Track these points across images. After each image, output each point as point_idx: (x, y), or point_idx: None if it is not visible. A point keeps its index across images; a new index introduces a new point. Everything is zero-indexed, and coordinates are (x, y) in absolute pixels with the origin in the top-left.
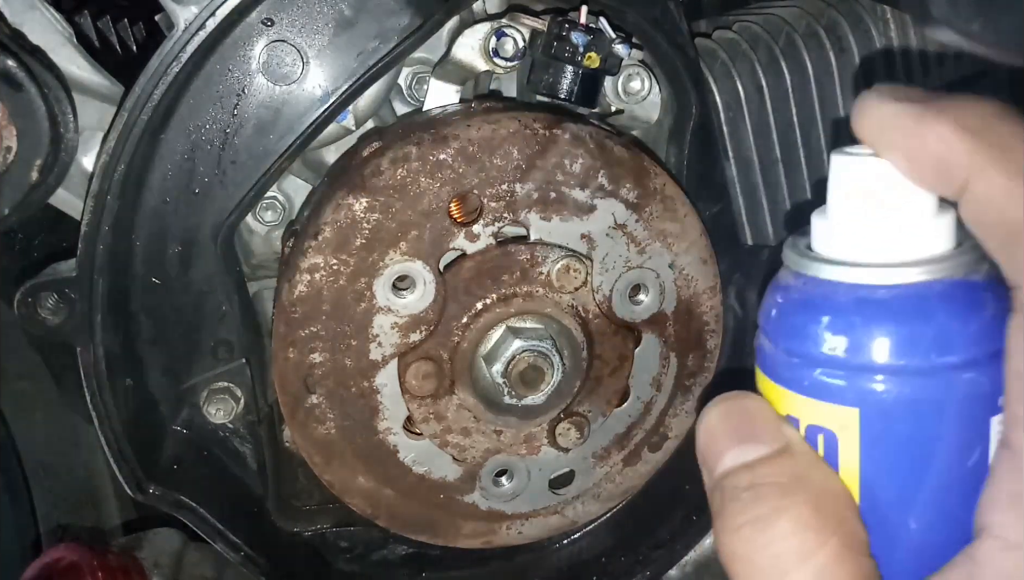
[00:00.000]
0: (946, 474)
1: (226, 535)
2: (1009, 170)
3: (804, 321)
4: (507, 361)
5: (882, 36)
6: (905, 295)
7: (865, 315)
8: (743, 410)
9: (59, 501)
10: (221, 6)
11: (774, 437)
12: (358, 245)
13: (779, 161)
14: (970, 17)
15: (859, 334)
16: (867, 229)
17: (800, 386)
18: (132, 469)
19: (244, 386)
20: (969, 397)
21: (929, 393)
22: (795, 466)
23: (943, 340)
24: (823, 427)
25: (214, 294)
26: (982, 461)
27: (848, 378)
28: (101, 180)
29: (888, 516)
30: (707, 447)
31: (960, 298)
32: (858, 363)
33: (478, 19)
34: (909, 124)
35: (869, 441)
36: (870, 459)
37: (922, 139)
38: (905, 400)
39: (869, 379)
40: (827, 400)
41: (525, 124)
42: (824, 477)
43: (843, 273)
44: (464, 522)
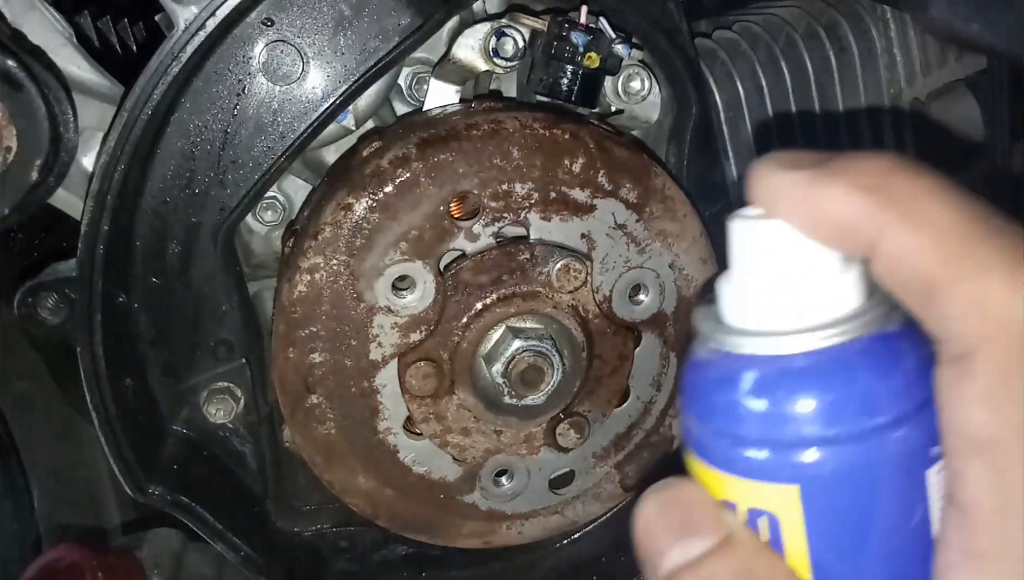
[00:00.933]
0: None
1: (226, 535)
2: (914, 225)
3: (726, 399)
4: (507, 361)
5: (882, 36)
6: (823, 360)
7: (786, 386)
8: (679, 501)
9: (59, 501)
10: (221, 6)
11: (715, 528)
12: (358, 245)
13: None
14: (970, 17)
15: (784, 407)
16: (774, 295)
17: (734, 467)
18: (132, 469)
19: (244, 386)
20: (904, 455)
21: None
22: (740, 559)
23: (870, 401)
24: (763, 510)
25: (214, 294)
26: (924, 518)
27: (781, 454)
28: (101, 180)
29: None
30: (646, 544)
31: (879, 353)
32: (788, 438)
33: (478, 19)
34: (804, 190)
35: (812, 518)
36: (816, 537)
37: (819, 204)
38: (842, 470)
39: (802, 453)
40: (763, 480)
41: (525, 124)
42: (770, 567)
43: (757, 345)
44: (464, 522)
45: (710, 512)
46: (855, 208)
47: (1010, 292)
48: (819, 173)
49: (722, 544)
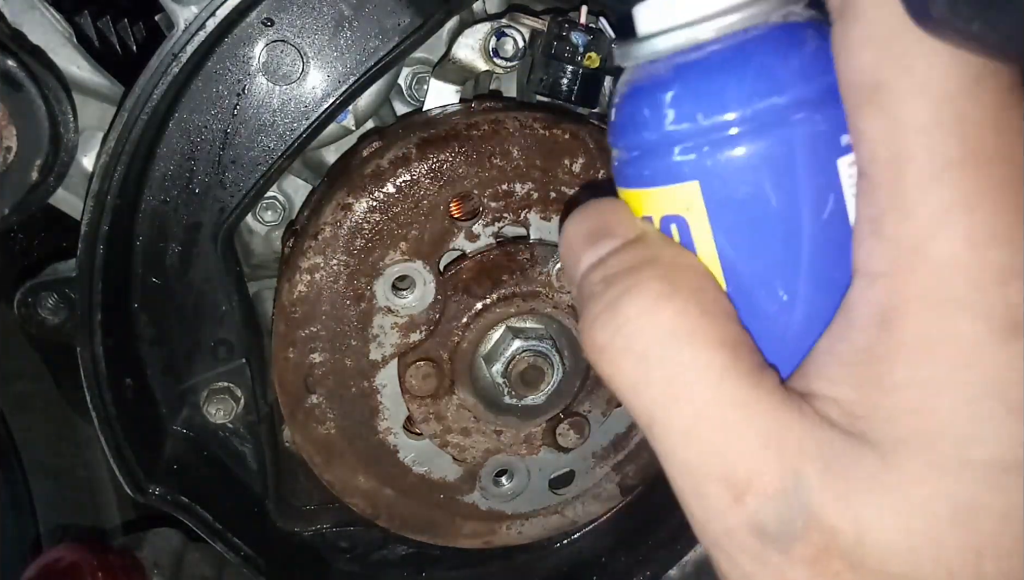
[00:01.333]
0: (803, 230)
1: (226, 535)
2: None
3: (631, 109)
4: (507, 361)
5: None
6: (718, 50)
7: (682, 80)
8: (597, 212)
9: (59, 501)
10: (221, 6)
11: (627, 230)
12: (358, 245)
13: None
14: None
15: (679, 101)
16: None
17: (642, 179)
18: (132, 469)
19: (244, 386)
20: (805, 139)
21: (761, 144)
22: (645, 249)
23: (762, 83)
24: (672, 215)
25: (214, 294)
26: (839, 210)
27: (680, 151)
28: (101, 180)
29: (757, 293)
30: (567, 258)
31: (777, 38)
32: (684, 131)
33: (478, 19)
34: None
35: (715, 213)
36: (721, 232)
37: None
38: (739, 156)
39: (698, 144)
40: (667, 183)
41: (525, 124)
42: (675, 253)
43: (657, 44)
44: (464, 522)
45: (625, 218)
46: None
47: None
48: None
49: (632, 241)
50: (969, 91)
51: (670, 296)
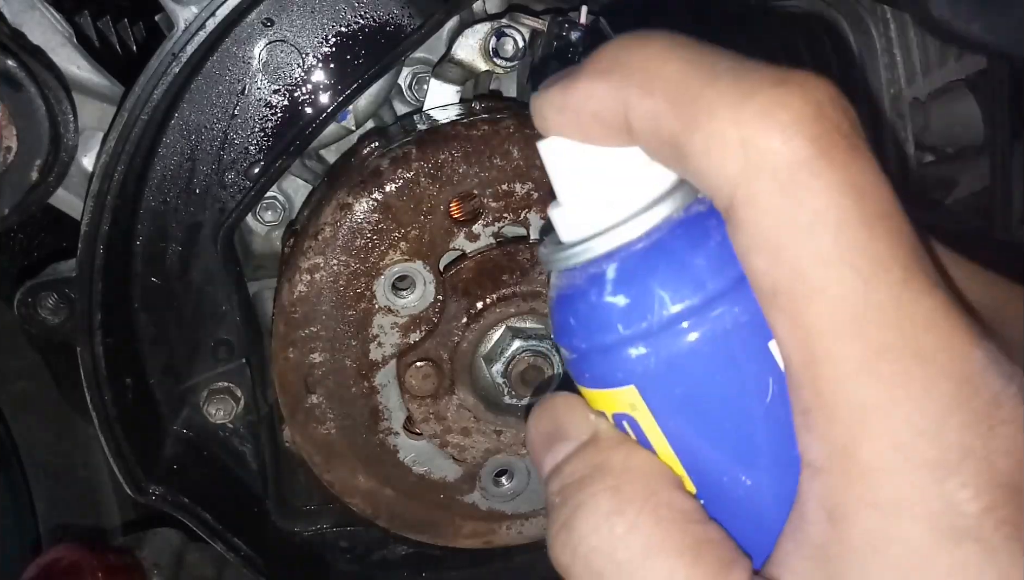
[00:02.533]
0: (749, 417)
1: (226, 535)
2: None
3: (563, 315)
4: (507, 361)
5: (882, 36)
6: (623, 258)
7: (597, 290)
8: (551, 411)
9: (59, 501)
10: (221, 6)
11: (580, 431)
12: (358, 245)
13: None
14: (970, 17)
15: (597, 312)
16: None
17: (586, 380)
18: (132, 469)
19: (244, 386)
20: (729, 333)
21: (685, 345)
22: (597, 455)
23: (671, 290)
24: (623, 414)
25: (214, 294)
26: (780, 390)
27: (610, 358)
28: (101, 180)
29: (720, 481)
30: (532, 458)
31: (683, 235)
32: (610, 341)
33: (478, 19)
34: (559, 99)
35: (659, 412)
36: (670, 429)
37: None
38: (669, 360)
39: (624, 351)
40: (607, 387)
41: (525, 124)
42: (625, 458)
43: (573, 255)
44: (464, 522)
45: (576, 417)
46: (600, 95)
47: (740, 128)
48: (566, 79)
49: (585, 444)
50: (866, 291)
51: (621, 510)
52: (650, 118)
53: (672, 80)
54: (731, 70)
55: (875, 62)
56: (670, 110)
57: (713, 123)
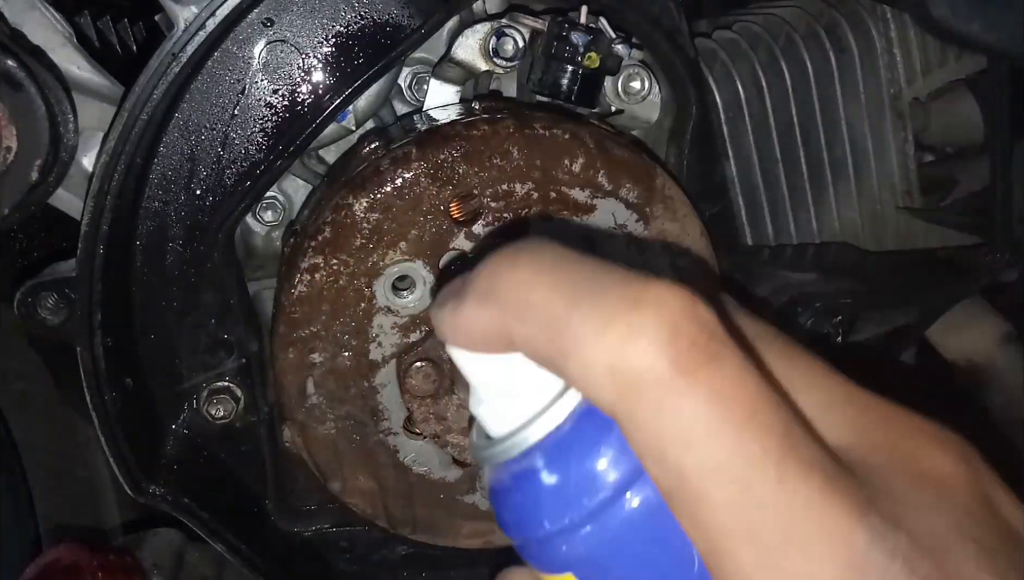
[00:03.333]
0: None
1: (226, 535)
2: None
3: (497, 508)
4: None
5: (882, 36)
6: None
7: (519, 490)
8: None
9: (59, 501)
10: (221, 6)
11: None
12: (358, 245)
13: (779, 161)
14: (970, 17)
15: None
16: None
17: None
18: (132, 469)
19: (244, 386)
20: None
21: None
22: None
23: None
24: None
25: (214, 294)
26: None
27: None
28: (101, 180)
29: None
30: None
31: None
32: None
33: (478, 19)
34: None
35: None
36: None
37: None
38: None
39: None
40: (550, 572)
41: (525, 124)
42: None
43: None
44: (464, 522)
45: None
46: (484, 321)
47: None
48: (456, 302)
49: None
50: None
51: None
52: (528, 343)
53: (540, 308)
54: (590, 292)
55: (875, 62)
56: (543, 338)
57: (582, 351)
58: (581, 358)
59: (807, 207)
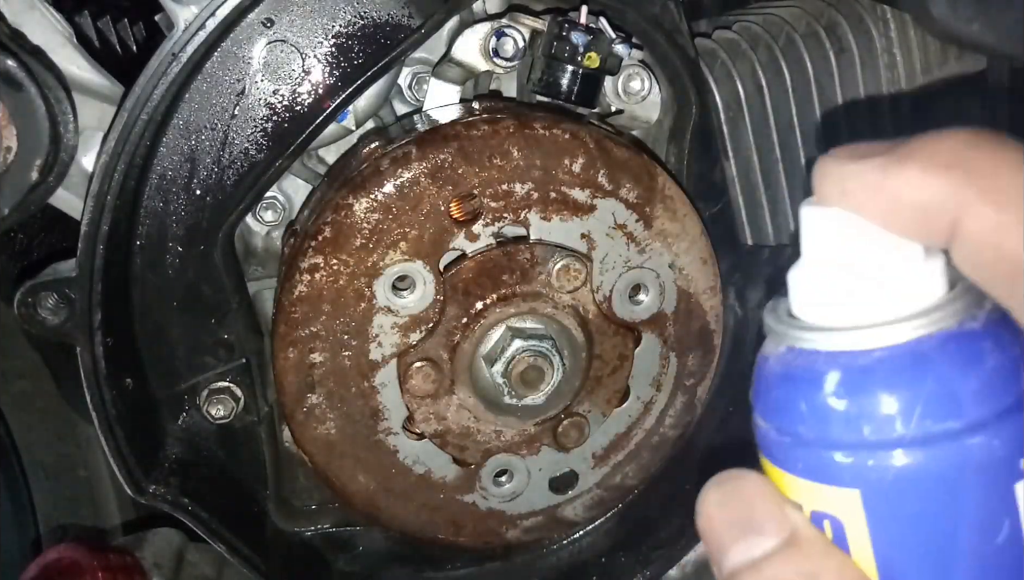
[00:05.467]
0: (973, 554)
1: (226, 535)
2: (999, 202)
3: (788, 396)
4: (507, 361)
5: (882, 36)
6: (890, 358)
7: (849, 385)
8: (742, 495)
9: (59, 501)
10: (221, 6)
11: (778, 526)
12: (358, 245)
13: (779, 161)
14: (970, 17)
15: (846, 407)
16: (845, 289)
17: (796, 468)
18: (132, 469)
19: (244, 386)
20: (983, 464)
21: (933, 465)
22: (804, 560)
23: (940, 403)
24: (827, 513)
25: (214, 294)
26: (1014, 536)
27: (841, 456)
28: (101, 180)
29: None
30: (709, 539)
31: (955, 352)
32: (849, 440)
33: (478, 19)
34: (877, 178)
35: (876, 526)
36: (882, 546)
37: (894, 191)
38: (907, 476)
39: (864, 456)
40: (824, 482)
41: (525, 124)
42: (839, 570)
43: (822, 340)
44: (464, 522)
45: (774, 507)
46: (933, 189)
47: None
48: (891, 159)
49: (786, 544)
50: None
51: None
52: (993, 232)
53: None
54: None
55: (875, 62)
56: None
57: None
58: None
59: None
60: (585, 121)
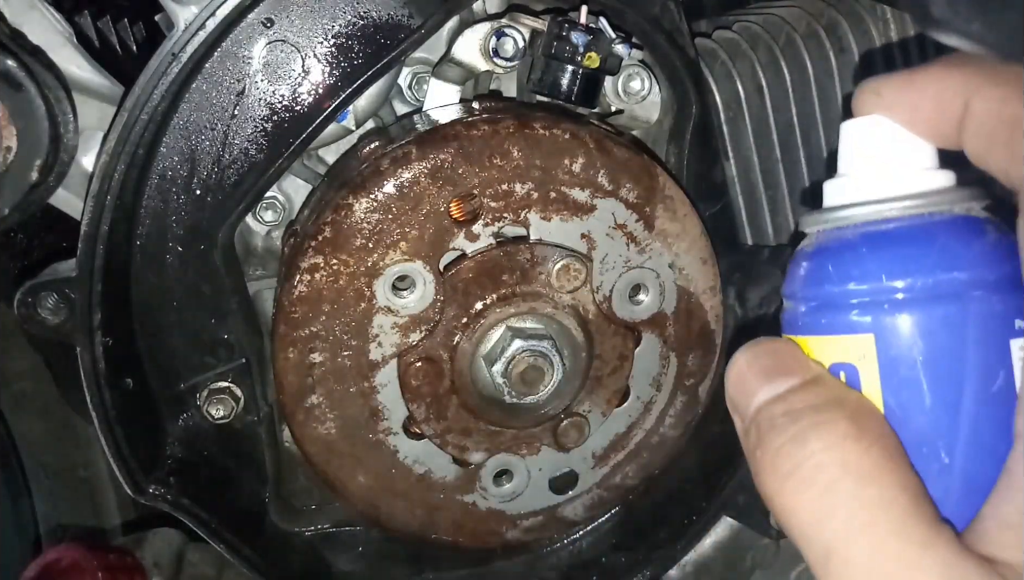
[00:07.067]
0: (970, 398)
1: (226, 535)
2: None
3: (818, 263)
4: (507, 361)
5: (882, 36)
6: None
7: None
8: (770, 350)
9: (59, 501)
10: (221, 6)
11: (804, 370)
12: (358, 245)
13: (779, 161)
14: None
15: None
16: (870, 176)
17: (818, 327)
18: (132, 469)
19: (244, 386)
20: (981, 316)
21: (939, 310)
22: (828, 390)
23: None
24: (842, 363)
25: (214, 294)
26: (1008, 386)
27: (859, 306)
28: (101, 180)
29: (919, 450)
30: (738, 390)
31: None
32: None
33: (478, 19)
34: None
35: (887, 366)
36: (891, 386)
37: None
38: (915, 320)
39: (878, 302)
40: (843, 333)
41: (525, 124)
42: (858, 398)
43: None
44: (464, 522)
45: (799, 358)
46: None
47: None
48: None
49: (811, 381)
50: None
51: (857, 437)
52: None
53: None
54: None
55: (875, 62)
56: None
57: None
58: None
59: None
60: (585, 121)
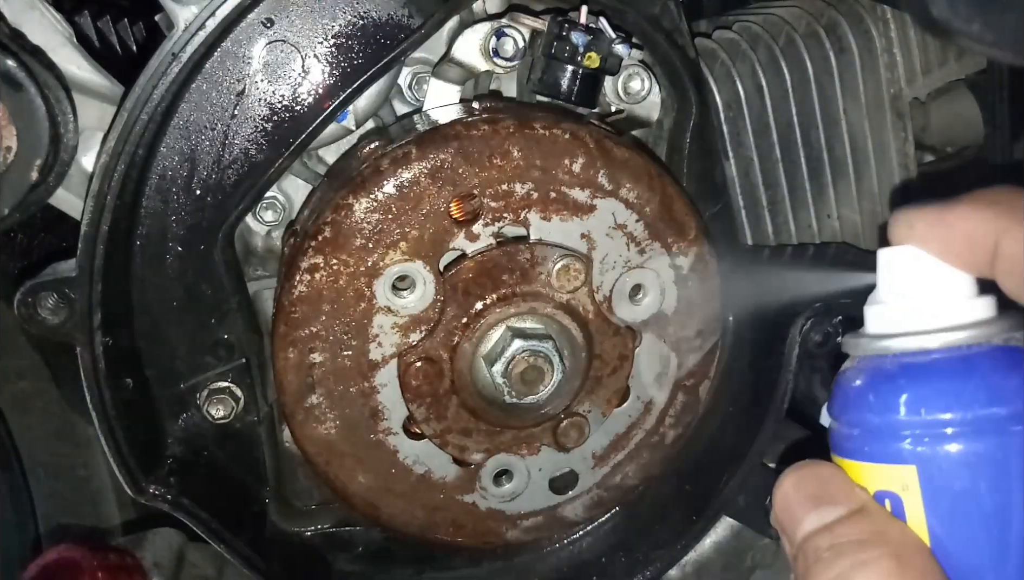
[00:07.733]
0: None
1: (226, 535)
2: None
3: (860, 391)
4: (507, 361)
5: (882, 36)
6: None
7: (910, 376)
8: (817, 476)
9: (59, 501)
10: (221, 6)
11: (849, 499)
12: (358, 245)
13: (779, 161)
14: (970, 17)
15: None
16: (910, 308)
17: (861, 454)
18: (132, 469)
19: (244, 386)
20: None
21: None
22: (872, 523)
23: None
24: (887, 491)
25: (214, 294)
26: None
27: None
28: (101, 180)
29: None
30: (785, 514)
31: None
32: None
33: (478, 19)
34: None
35: (930, 498)
36: (935, 517)
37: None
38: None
39: (921, 435)
40: (886, 462)
41: (525, 124)
42: (902, 532)
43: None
44: (464, 522)
45: (845, 486)
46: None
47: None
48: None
49: (856, 511)
50: None
51: (901, 574)
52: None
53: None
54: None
55: (875, 62)
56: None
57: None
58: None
59: (807, 207)
60: (585, 121)
